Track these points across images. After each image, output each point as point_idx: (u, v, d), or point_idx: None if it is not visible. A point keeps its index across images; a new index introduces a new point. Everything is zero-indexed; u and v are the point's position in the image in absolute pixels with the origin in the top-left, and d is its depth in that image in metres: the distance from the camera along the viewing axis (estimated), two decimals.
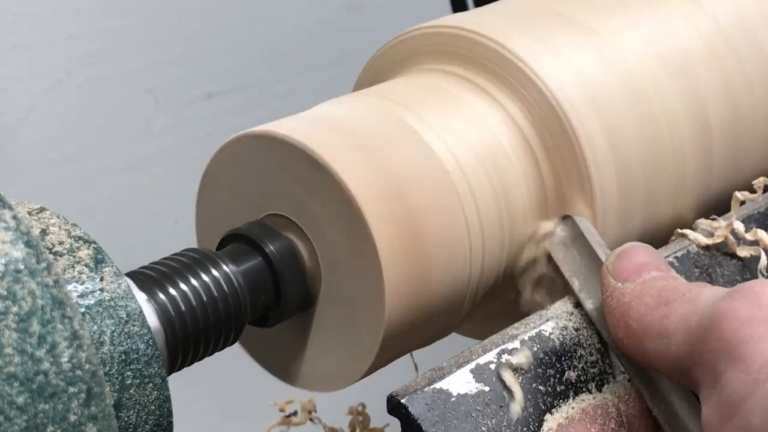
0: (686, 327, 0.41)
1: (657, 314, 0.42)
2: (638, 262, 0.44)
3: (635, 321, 0.43)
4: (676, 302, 0.42)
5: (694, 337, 0.40)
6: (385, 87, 0.52)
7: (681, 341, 0.41)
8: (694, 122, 0.52)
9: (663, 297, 0.42)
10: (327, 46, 1.23)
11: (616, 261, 0.45)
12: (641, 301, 0.43)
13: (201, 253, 0.45)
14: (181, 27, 1.13)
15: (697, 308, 0.41)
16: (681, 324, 0.41)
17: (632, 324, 0.43)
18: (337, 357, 0.47)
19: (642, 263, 0.44)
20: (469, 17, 0.52)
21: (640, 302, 0.43)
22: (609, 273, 0.44)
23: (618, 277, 0.44)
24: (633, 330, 0.43)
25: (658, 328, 0.42)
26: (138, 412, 0.39)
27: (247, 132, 0.47)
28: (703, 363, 0.40)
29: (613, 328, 0.44)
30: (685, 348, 0.40)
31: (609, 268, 0.45)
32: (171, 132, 1.14)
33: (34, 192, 1.04)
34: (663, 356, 0.42)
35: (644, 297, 0.43)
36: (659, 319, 0.42)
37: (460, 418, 0.42)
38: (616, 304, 0.44)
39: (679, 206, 0.53)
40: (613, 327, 0.44)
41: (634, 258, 0.45)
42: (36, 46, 1.05)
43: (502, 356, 0.44)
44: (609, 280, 0.44)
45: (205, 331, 0.44)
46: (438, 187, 0.47)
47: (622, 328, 0.43)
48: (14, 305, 0.34)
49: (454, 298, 0.48)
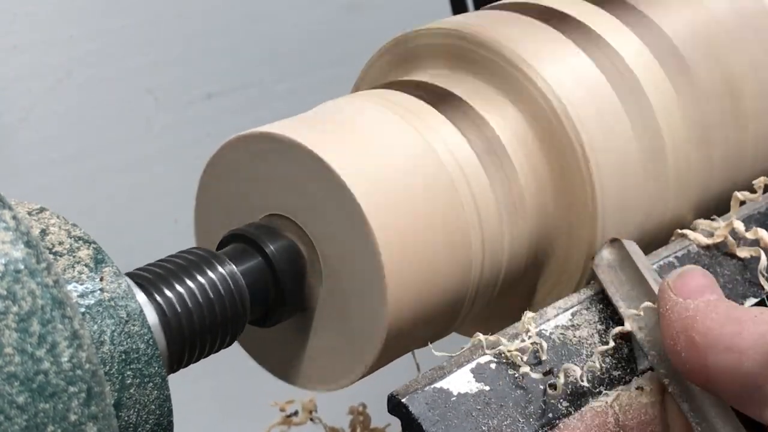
0: (765, 344, 0.41)
1: (727, 330, 0.42)
2: (700, 283, 0.45)
3: (700, 334, 0.43)
4: (748, 320, 0.42)
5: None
6: (386, 87, 0.52)
7: (756, 357, 0.41)
8: (694, 122, 0.52)
9: (732, 315, 0.43)
10: (327, 46, 1.23)
11: (678, 279, 0.45)
12: (707, 317, 0.43)
13: (201, 253, 0.45)
14: (181, 27, 1.13)
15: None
16: (757, 340, 0.41)
17: (696, 337, 0.43)
18: (337, 357, 0.47)
19: (703, 285, 0.45)
20: (469, 19, 0.52)
21: (707, 317, 0.43)
22: (670, 288, 0.45)
23: (680, 293, 0.45)
24: (696, 343, 0.43)
25: (729, 343, 0.42)
26: (138, 412, 0.39)
27: (247, 132, 0.47)
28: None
29: (670, 341, 0.44)
30: (761, 364, 0.41)
31: (671, 284, 0.45)
32: (171, 132, 1.14)
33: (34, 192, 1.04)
34: (731, 371, 0.42)
35: (711, 313, 0.43)
36: (730, 334, 0.42)
37: (460, 418, 0.42)
38: (677, 317, 0.44)
39: (679, 206, 0.53)
40: (671, 339, 0.44)
41: (696, 279, 0.45)
42: (36, 46, 1.05)
43: (502, 356, 0.44)
44: (669, 295, 0.45)
45: (205, 330, 0.44)
46: (438, 188, 0.47)
47: (683, 341, 0.43)
48: (14, 305, 0.34)
49: (454, 298, 0.48)
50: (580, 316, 0.47)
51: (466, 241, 0.47)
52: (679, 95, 0.52)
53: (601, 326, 0.47)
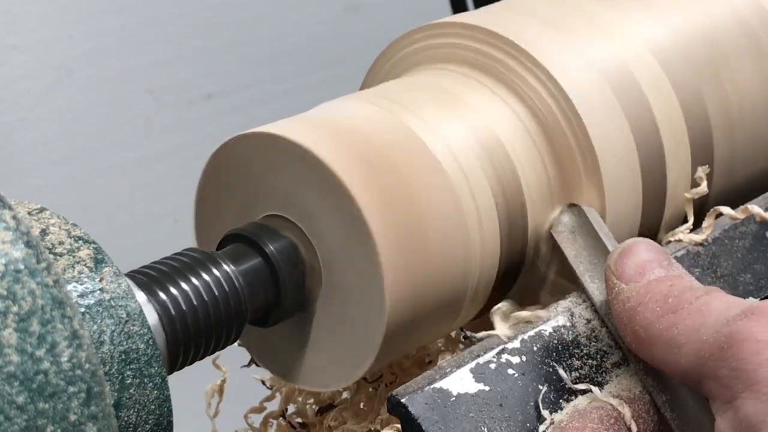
0: (697, 340, 0.41)
1: (664, 323, 0.42)
2: (641, 261, 0.44)
3: (642, 328, 0.42)
4: (683, 310, 0.42)
5: (707, 352, 0.40)
6: (386, 87, 0.52)
7: (691, 353, 0.41)
8: (694, 120, 0.52)
9: (669, 304, 0.42)
10: (327, 46, 1.23)
11: (619, 259, 0.44)
12: (647, 307, 0.42)
13: (201, 253, 0.45)
14: (181, 27, 1.13)
15: (709, 322, 0.41)
16: (691, 336, 0.41)
17: (639, 330, 0.43)
18: (337, 356, 0.47)
19: (645, 261, 0.44)
20: (472, 16, 0.52)
21: (646, 308, 0.42)
22: (612, 273, 0.44)
23: (622, 277, 0.44)
24: (640, 337, 0.43)
25: (666, 338, 0.41)
26: (138, 412, 0.39)
27: (246, 132, 0.47)
28: (717, 378, 0.40)
29: (621, 332, 0.44)
30: (696, 360, 0.40)
31: (612, 268, 0.44)
32: (171, 132, 1.14)
33: (34, 192, 1.04)
34: (672, 365, 0.42)
35: (649, 302, 0.43)
36: (667, 328, 0.42)
37: (460, 418, 0.42)
38: (621, 308, 0.43)
39: (677, 205, 0.52)
40: (621, 331, 0.44)
41: (637, 256, 0.44)
42: (36, 46, 1.05)
43: (502, 356, 0.44)
44: (613, 281, 0.44)
45: (205, 330, 0.44)
46: (437, 187, 0.47)
47: (629, 334, 0.43)
48: (14, 305, 0.34)
49: (454, 298, 0.48)
50: (581, 316, 0.47)
51: (465, 241, 0.47)
52: (678, 96, 0.52)
53: (603, 322, 0.47)
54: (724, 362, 0.39)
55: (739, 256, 0.51)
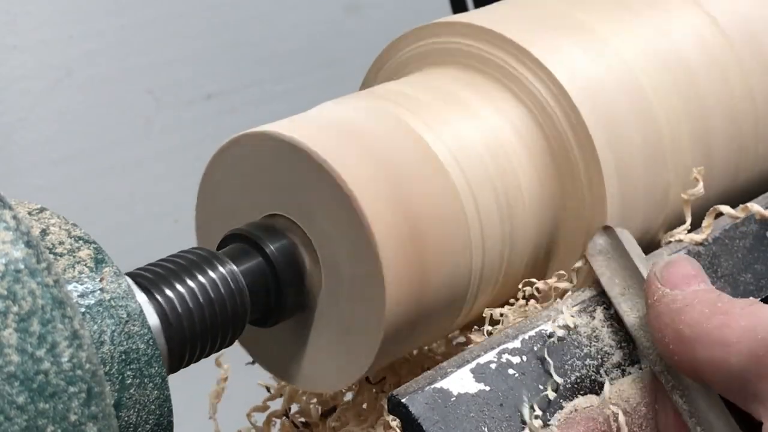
0: (752, 338, 0.41)
1: (714, 322, 0.42)
2: (687, 273, 0.45)
3: (688, 327, 0.42)
4: (735, 312, 0.42)
5: (763, 351, 0.40)
6: (386, 87, 0.52)
7: (744, 351, 0.41)
8: (694, 123, 0.52)
9: (719, 307, 0.42)
10: (327, 46, 1.23)
11: (665, 268, 0.45)
12: (695, 308, 0.43)
13: (201, 253, 0.45)
14: (181, 27, 1.13)
15: (764, 321, 0.41)
16: (745, 334, 0.41)
17: (684, 329, 0.42)
18: (337, 357, 0.47)
19: (690, 274, 0.45)
20: (473, 17, 0.52)
21: (694, 309, 0.43)
22: (657, 279, 0.44)
23: (667, 283, 0.44)
24: (684, 336, 0.42)
25: (716, 337, 0.41)
26: (138, 412, 0.39)
27: (247, 132, 0.47)
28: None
29: (658, 333, 0.44)
30: (748, 359, 0.40)
31: (657, 275, 0.44)
32: (171, 132, 1.14)
33: (34, 192, 1.04)
34: (718, 365, 0.41)
35: (697, 305, 0.43)
36: (717, 327, 0.42)
37: (460, 418, 0.42)
38: (665, 309, 0.43)
39: (678, 205, 0.52)
40: (660, 332, 0.44)
41: (683, 268, 0.45)
42: (36, 46, 1.05)
43: (502, 356, 0.44)
44: (657, 286, 0.44)
45: (206, 330, 0.43)
46: (438, 188, 0.47)
47: (671, 333, 0.43)
48: (14, 305, 0.34)
49: (454, 298, 0.48)
50: (593, 310, 0.47)
51: (465, 241, 0.47)
52: (680, 97, 0.52)
53: (613, 321, 0.47)
54: None
55: (739, 256, 0.51)
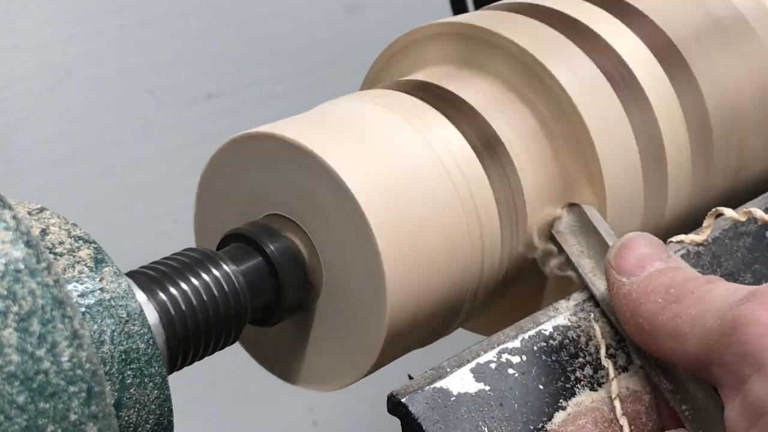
0: (702, 327, 0.41)
1: (668, 313, 0.42)
2: (640, 254, 0.44)
3: (645, 320, 0.42)
4: (686, 299, 0.42)
5: (713, 339, 0.40)
6: (387, 87, 0.52)
7: (697, 341, 0.41)
8: (694, 122, 0.52)
9: (672, 294, 0.42)
10: (327, 46, 1.23)
11: (618, 254, 0.45)
12: (649, 299, 0.43)
13: (201, 253, 0.45)
14: (181, 27, 1.13)
15: (712, 308, 0.41)
16: (696, 323, 0.41)
17: (642, 322, 0.43)
18: (338, 356, 0.47)
19: (644, 255, 0.44)
20: (475, 17, 0.52)
21: (648, 300, 0.43)
22: (612, 267, 0.44)
23: (622, 271, 0.44)
24: (644, 328, 0.43)
25: (671, 328, 0.42)
26: (138, 411, 0.39)
27: (246, 132, 0.47)
28: (724, 364, 0.40)
29: (625, 325, 0.44)
30: (702, 347, 0.40)
31: (612, 263, 0.44)
32: (171, 132, 1.14)
33: (34, 192, 1.04)
34: (678, 354, 0.42)
35: (651, 294, 0.43)
36: (671, 318, 0.42)
37: (460, 418, 0.42)
38: (624, 302, 0.43)
39: (678, 207, 0.53)
40: (624, 323, 0.44)
41: (636, 249, 0.44)
42: (36, 46, 1.05)
43: (502, 356, 0.45)
44: (614, 276, 0.44)
45: (206, 330, 0.44)
46: (437, 187, 0.47)
47: (632, 326, 0.43)
48: (14, 305, 0.34)
49: (454, 297, 0.48)
50: (593, 310, 0.47)
51: (465, 241, 0.47)
52: (679, 97, 0.52)
53: (614, 320, 0.47)
54: (730, 347, 0.39)
55: (739, 256, 0.51)
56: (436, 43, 0.52)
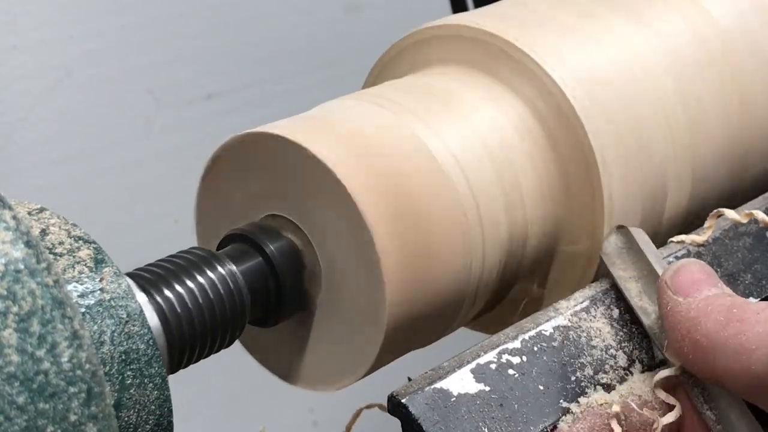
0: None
1: (731, 331, 0.42)
2: (697, 278, 0.44)
3: (704, 336, 0.42)
4: (751, 319, 0.42)
5: None
6: (387, 87, 0.52)
7: (763, 358, 0.41)
8: (694, 123, 0.52)
9: (735, 314, 0.42)
10: (327, 46, 1.23)
11: (675, 276, 0.45)
12: (710, 318, 0.43)
13: (201, 253, 0.45)
14: (181, 27, 1.13)
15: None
16: (763, 341, 0.41)
17: (701, 340, 0.42)
18: (338, 356, 0.47)
19: (700, 279, 0.44)
20: (472, 16, 0.52)
21: (709, 318, 0.43)
22: (668, 287, 0.44)
23: (679, 291, 0.44)
24: (702, 345, 0.42)
25: (734, 345, 0.42)
26: (138, 412, 0.39)
27: (246, 132, 0.47)
28: None
29: (676, 343, 0.44)
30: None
31: (668, 283, 0.44)
32: (171, 132, 1.14)
33: (34, 192, 1.04)
34: (739, 372, 0.41)
35: (712, 314, 0.43)
36: (734, 335, 0.42)
37: (460, 418, 0.42)
38: (680, 319, 0.43)
39: (678, 201, 0.52)
40: (677, 342, 0.44)
41: (693, 274, 0.45)
42: (36, 46, 1.05)
43: (502, 356, 0.44)
44: (669, 295, 0.44)
45: (206, 330, 0.44)
46: (437, 188, 0.47)
47: (688, 344, 0.43)
48: (14, 305, 0.34)
49: (455, 296, 0.48)
50: (594, 310, 0.47)
51: (465, 240, 0.47)
52: (679, 94, 0.52)
53: (614, 320, 0.47)
54: None
55: (739, 256, 0.51)
56: (436, 44, 0.52)
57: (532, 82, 0.49)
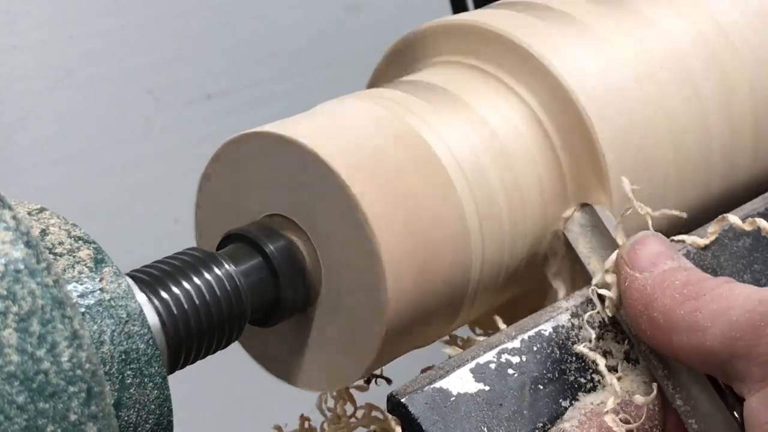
0: (726, 322, 0.41)
1: (687, 308, 0.42)
2: (653, 252, 0.45)
3: (661, 313, 0.43)
4: (706, 297, 0.42)
5: (739, 332, 0.41)
6: (388, 87, 0.52)
7: (719, 334, 0.41)
8: (694, 123, 0.53)
9: (690, 290, 0.43)
10: (327, 46, 1.23)
11: (631, 250, 0.45)
12: (665, 294, 0.43)
13: (201, 253, 0.45)
14: (181, 27, 1.13)
15: (736, 303, 0.41)
16: (718, 318, 0.41)
17: (657, 316, 0.43)
18: (338, 356, 0.47)
19: (657, 253, 0.45)
20: (473, 16, 0.52)
21: (665, 295, 0.43)
22: (625, 262, 0.44)
23: (635, 266, 0.44)
24: (658, 322, 0.43)
25: (689, 322, 0.42)
26: (138, 412, 0.39)
27: (246, 132, 0.47)
28: (750, 357, 0.40)
29: (634, 319, 0.44)
30: (724, 341, 0.41)
31: (624, 258, 0.45)
32: (171, 132, 1.14)
33: (34, 192, 1.04)
34: (694, 348, 0.42)
35: (668, 290, 0.43)
36: (689, 312, 0.42)
37: (460, 418, 0.42)
38: (637, 296, 0.44)
39: (679, 203, 0.52)
40: (635, 318, 0.44)
41: (649, 247, 0.45)
42: (36, 46, 1.05)
43: (502, 356, 0.45)
44: (626, 270, 0.44)
45: (205, 330, 0.44)
46: (438, 187, 0.47)
47: (645, 320, 0.43)
48: (14, 305, 0.34)
49: (454, 299, 0.48)
50: (593, 309, 0.47)
51: (465, 240, 0.47)
52: (680, 95, 0.52)
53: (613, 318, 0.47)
54: (761, 339, 0.40)
55: (739, 256, 0.51)
56: (439, 43, 0.52)
57: (537, 82, 0.49)
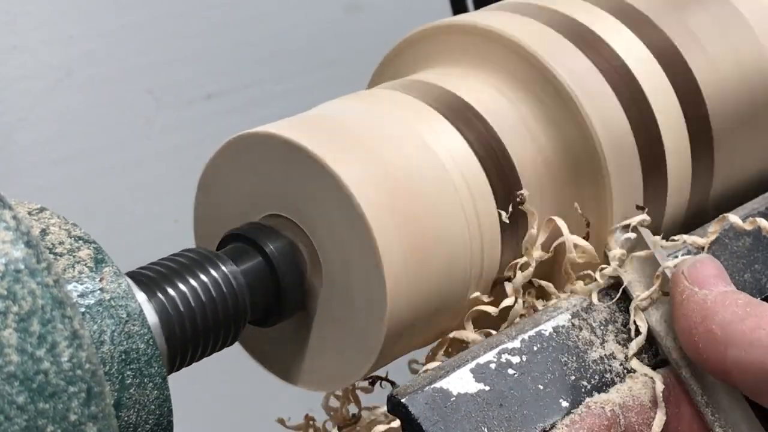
0: None
1: (748, 324, 0.42)
2: (713, 273, 0.45)
3: (720, 327, 0.42)
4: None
5: None
6: (388, 87, 0.52)
7: None
8: (695, 120, 0.53)
9: (752, 308, 0.42)
10: (327, 46, 1.23)
11: (693, 267, 0.45)
12: (727, 309, 0.42)
13: (201, 253, 0.45)
14: (181, 27, 1.13)
15: None
16: None
17: (715, 329, 0.42)
18: (338, 356, 0.47)
19: (716, 275, 0.45)
20: (473, 16, 0.52)
21: (726, 309, 0.42)
22: (685, 278, 0.44)
23: (695, 282, 0.44)
24: (715, 335, 0.42)
25: (751, 338, 0.41)
26: (138, 412, 0.39)
27: (246, 132, 0.47)
28: None
29: (687, 332, 0.43)
30: None
31: (685, 273, 0.44)
32: (171, 132, 1.14)
33: (34, 192, 1.04)
34: (749, 366, 0.41)
35: (730, 306, 0.43)
36: (751, 329, 0.42)
37: (460, 418, 0.42)
38: (695, 308, 0.43)
39: (678, 205, 0.53)
40: (688, 331, 0.43)
41: (710, 269, 0.45)
42: (36, 46, 1.05)
43: (502, 356, 0.45)
44: (685, 284, 0.44)
45: (206, 330, 0.44)
46: (437, 187, 0.47)
47: (701, 333, 0.43)
48: (14, 305, 0.34)
49: (454, 297, 0.48)
50: (594, 309, 0.47)
51: (466, 242, 0.47)
52: (678, 94, 0.52)
53: (615, 319, 0.47)
54: None
55: (739, 256, 0.51)
56: (438, 43, 0.52)
57: (535, 82, 0.49)
